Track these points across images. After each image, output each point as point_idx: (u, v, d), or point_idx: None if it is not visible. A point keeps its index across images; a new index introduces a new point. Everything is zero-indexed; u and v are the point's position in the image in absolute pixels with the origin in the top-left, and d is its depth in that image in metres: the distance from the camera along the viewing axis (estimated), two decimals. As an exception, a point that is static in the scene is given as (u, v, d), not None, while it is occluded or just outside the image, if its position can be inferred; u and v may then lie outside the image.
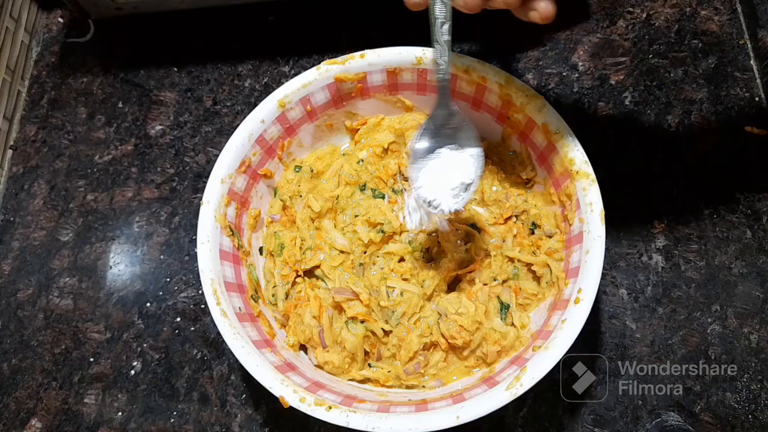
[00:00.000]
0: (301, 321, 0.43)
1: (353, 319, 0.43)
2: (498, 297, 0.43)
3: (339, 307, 0.43)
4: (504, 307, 0.43)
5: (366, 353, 0.43)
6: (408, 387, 0.42)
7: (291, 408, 0.36)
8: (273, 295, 0.45)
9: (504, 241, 0.44)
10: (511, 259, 0.44)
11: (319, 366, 0.43)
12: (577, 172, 0.40)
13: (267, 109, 0.45)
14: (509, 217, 0.45)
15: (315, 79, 0.45)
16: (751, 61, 0.53)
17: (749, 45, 0.54)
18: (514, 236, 0.44)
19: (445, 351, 0.42)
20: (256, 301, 0.43)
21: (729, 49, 0.54)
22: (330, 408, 0.36)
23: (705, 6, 0.56)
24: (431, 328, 0.42)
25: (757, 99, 0.52)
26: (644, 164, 0.50)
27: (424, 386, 0.42)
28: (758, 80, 0.52)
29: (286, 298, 0.45)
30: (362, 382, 0.43)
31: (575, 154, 0.40)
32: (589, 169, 0.40)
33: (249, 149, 0.45)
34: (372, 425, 0.35)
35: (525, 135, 0.44)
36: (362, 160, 0.48)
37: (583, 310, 0.36)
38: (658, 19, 0.56)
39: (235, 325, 0.39)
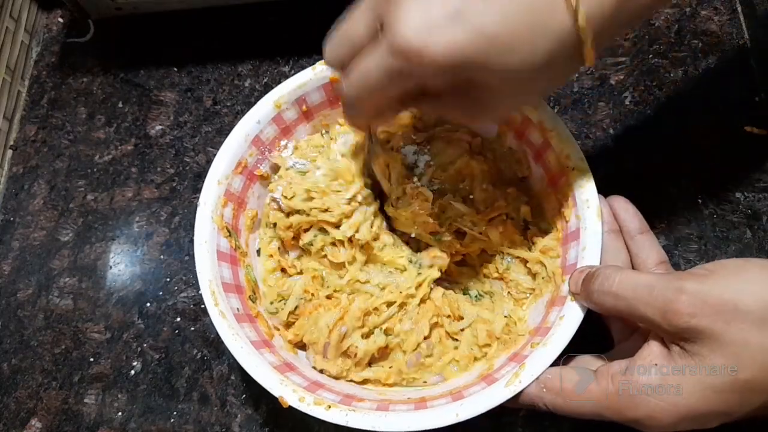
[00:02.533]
0: (314, 323, 0.42)
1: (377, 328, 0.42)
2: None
3: (366, 314, 0.42)
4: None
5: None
6: (409, 383, 0.42)
7: (291, 408, 0.36)
8: (271, 303, 0.44)
9: (489, 238, 0.44)
10: (502, 252, 0.44)
11: (315, 367, 0.43)
12: (573, 169, 0.40)
13: (263, 110, 0.45)
14: (495, 216, 0.44)
15: (310, 79, 0.45)
16: (751, 61, 0.53)
17: (749, 45, 0.54)
18: (501, 232, 0.44)
19: (441, 330, 0.43)
20: (254, 302, 0.43)
21: (729, 49, 0.54)
22: (329, 407, 0.36)
23: (705, 6, 0.56)
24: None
25: (757, 99, 0.52)
26: (644, 164, 0.50)
27: (425, 381, 0.42)
28: (758, 80, 0.52)
29: (295, 310, 0.44)
30: (361, 383, 0.43)
31: (571, 151, 0.40)
32: (585, 165, 0.40)
33: (245, 150, 0.45)
34: (371, 424, 0.35)
35: (521, 133, 0.44)
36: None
37: (580, 306, 0.36)
38: (658, 19, 0.56)
39: (234, 326, 0.39)
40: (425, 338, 0.42)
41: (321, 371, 0.42)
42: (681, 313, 0.30)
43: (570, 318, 0.36)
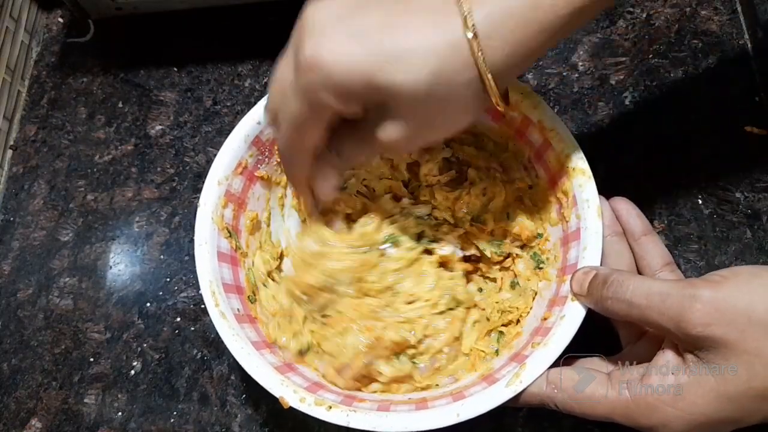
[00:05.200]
0: (341, 334, 0.41)
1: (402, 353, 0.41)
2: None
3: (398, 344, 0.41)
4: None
5: None
6: (423, 389, 0.41)
7: (291, 408, 0.36)
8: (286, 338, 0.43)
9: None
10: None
11: (323, 376, 0.42)
12: (574, 169, 0.40)
13: (263, 110, 0.45)
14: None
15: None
16: (751, 61, 0.53)
17: (749, 45, 0.54)
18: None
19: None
20: (253, 303, 0.43)
21: (729, 49, 0.54)
22: (330, 408, 0.36)
23: (705, 6, 0.56)
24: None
25: (757, 99, 0.52)
26: (644, 164, 0.50)
27: (437, 385, 0.41)
28: (758, 80, 0.52)
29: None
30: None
31: (571, 151, 0.40)
32: (585, 165, 0.40)
33: (245, 151, 0.44)
34: (372, 424, 0.35)
35: (521, 133, 0.44)
36: None
37: (580, 306, 0.36)
38: (658, 19, 0.56)
39: (234, 326, 0.39)
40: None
41: (328, 382, 0.41)
42: (695, 323, 0.30)
43: (571, 318, 0.36)
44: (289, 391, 0.36)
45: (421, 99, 0.30)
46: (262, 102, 0.45)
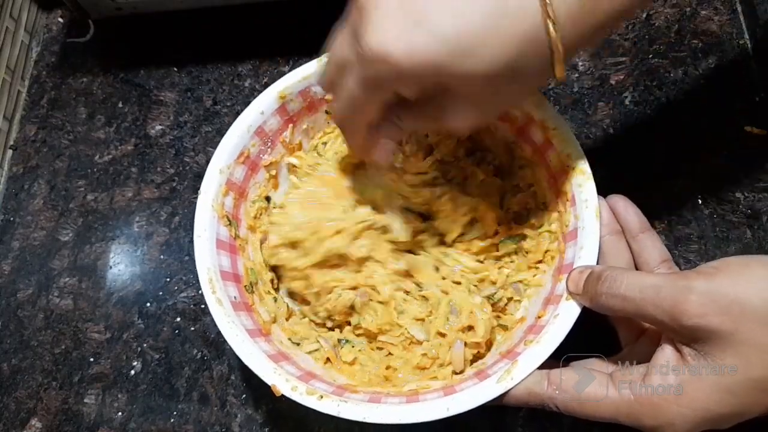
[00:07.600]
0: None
1: None
2: None
3: None
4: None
5: None
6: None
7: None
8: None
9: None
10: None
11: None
12: (573, 169, 0.40)
13: (267, 100, 0.45)
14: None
15: (316, 71, 0.45)
16: (751, 61, 0.53)
17: (749, 45, 0.54)
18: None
19: None
20: (250, 292, 0.43)
21: (729, 49, 0.54)
22: (321, 397, 0.36)
23: (705, 6, 0.56)
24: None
25: (757, 99, 0.52)
26: (644, 164, 0.50)
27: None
28: (758, 80, 0.52)
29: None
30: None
31: (572, 150, 0.40)
32: (585, 165, 0.40)
33: (248, 140, 0.45)
34: (363, 415, 0.35)
35: (523, 131, 0.44)
36: None
37: (575, 305, 0.36)
38: (658, 19, 0.56)
39: (230, 313, 0.39)
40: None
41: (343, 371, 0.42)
42: (690, 314, 0.30)
43: (564, 317, 0.36)
44: (282, 380, 0.36)
45: (493, 85, 0.30)
46: (265, 95, 0.45)
